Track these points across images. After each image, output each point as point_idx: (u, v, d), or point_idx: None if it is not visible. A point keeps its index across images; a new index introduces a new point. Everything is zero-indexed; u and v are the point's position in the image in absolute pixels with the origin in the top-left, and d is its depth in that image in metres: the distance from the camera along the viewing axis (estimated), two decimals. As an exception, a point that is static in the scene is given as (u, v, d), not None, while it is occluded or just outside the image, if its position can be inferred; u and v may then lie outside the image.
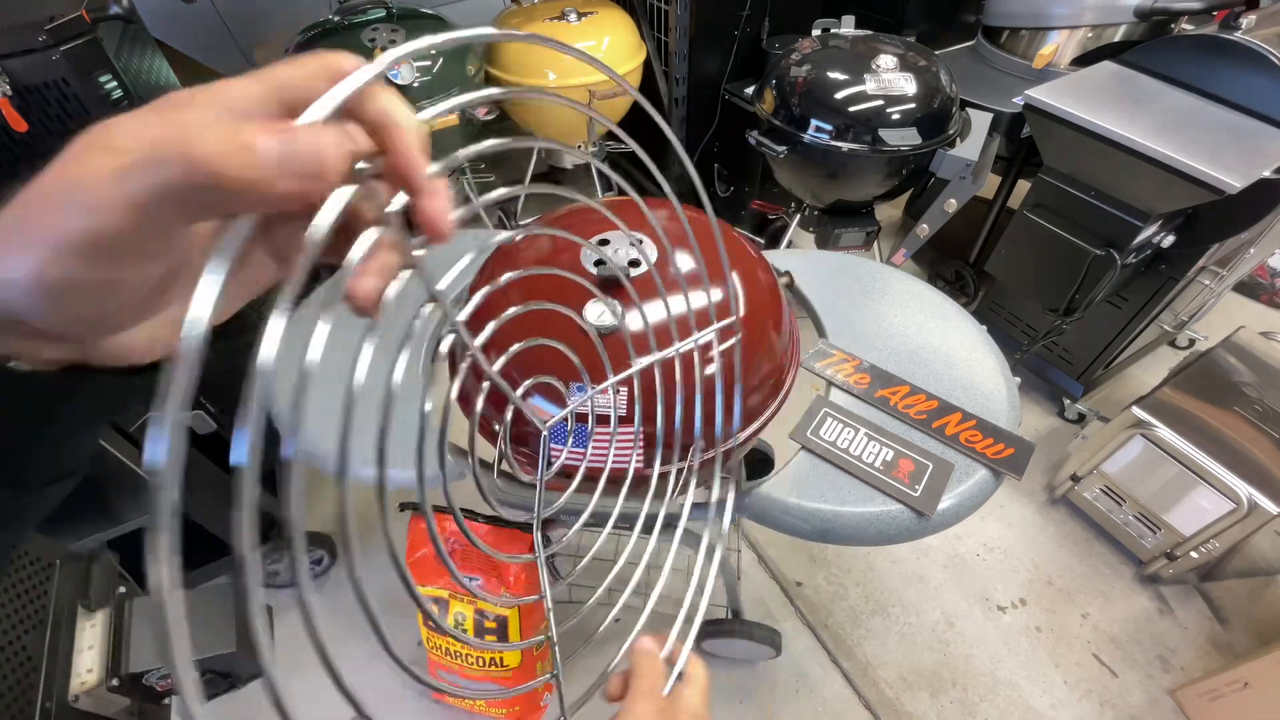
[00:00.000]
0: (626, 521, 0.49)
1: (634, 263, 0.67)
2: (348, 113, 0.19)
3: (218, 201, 0.17)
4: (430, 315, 0.26)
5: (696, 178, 0.36)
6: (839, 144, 1.48)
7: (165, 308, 0.22)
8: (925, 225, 1.66)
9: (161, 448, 0.15)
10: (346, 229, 0.20)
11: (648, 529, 0.48)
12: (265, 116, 0.18)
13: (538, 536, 0.47)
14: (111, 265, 0.18)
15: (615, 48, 1.83)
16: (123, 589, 0.87)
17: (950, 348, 0.92)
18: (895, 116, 1.44)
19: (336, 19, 1.63)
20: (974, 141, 1.50)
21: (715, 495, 0.49)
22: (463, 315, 0.30)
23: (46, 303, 0.18)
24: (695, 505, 0.51)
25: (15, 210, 0.17)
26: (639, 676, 0.39)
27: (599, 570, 0.45)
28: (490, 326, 0.38)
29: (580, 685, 0.39)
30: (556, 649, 0.42)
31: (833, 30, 1.66)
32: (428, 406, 0.30)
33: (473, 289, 0.74)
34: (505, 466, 0.59)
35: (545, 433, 0.53)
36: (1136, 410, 1.34)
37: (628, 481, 0.51)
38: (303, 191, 0.18)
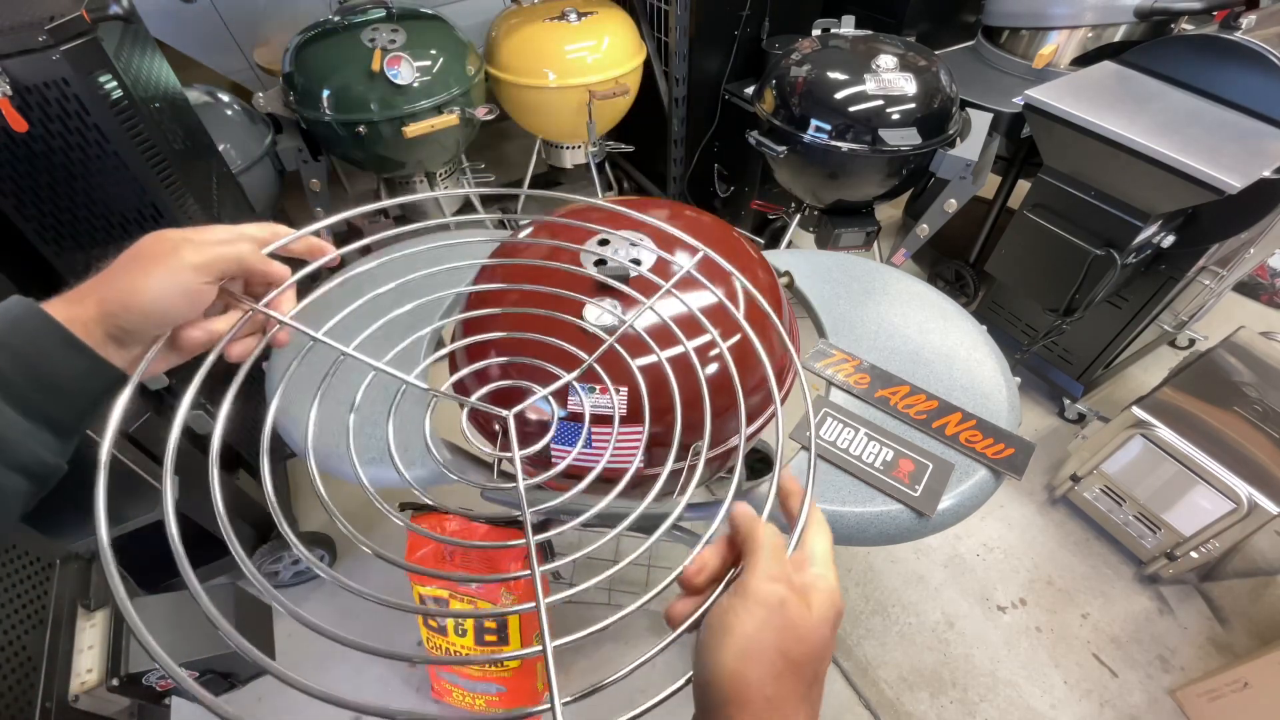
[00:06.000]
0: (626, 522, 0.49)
1: (634, 262, 0.67)
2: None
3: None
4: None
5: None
6: (839, 144, 1.48)
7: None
8: (925, 225, 1.66)
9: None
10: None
11: (648, 529, 0.48)
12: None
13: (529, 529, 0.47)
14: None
15: (615, 47, 1.83)
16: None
17: (950, 348, 0.92)
18: (895, 116, 1.44)
19: (336, 19, 1.63)
20: (974, 141, 1.50)
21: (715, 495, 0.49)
22: (460, 315, 0.30)
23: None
24: (695, 505, 0.51)
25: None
26: (754, 551, 0.31)
27: (598, 569, 0.45)
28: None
29: (577, 687, 0.34)
30: (545, 619, 0.33)
31: (833, 30, 1.66)
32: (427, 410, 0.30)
33: (473, 289, 0.74)
34: (506, 466, 0.59)
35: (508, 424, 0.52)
36: (1136, 410, 1.34)
37: (626, 482, 0.50)
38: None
